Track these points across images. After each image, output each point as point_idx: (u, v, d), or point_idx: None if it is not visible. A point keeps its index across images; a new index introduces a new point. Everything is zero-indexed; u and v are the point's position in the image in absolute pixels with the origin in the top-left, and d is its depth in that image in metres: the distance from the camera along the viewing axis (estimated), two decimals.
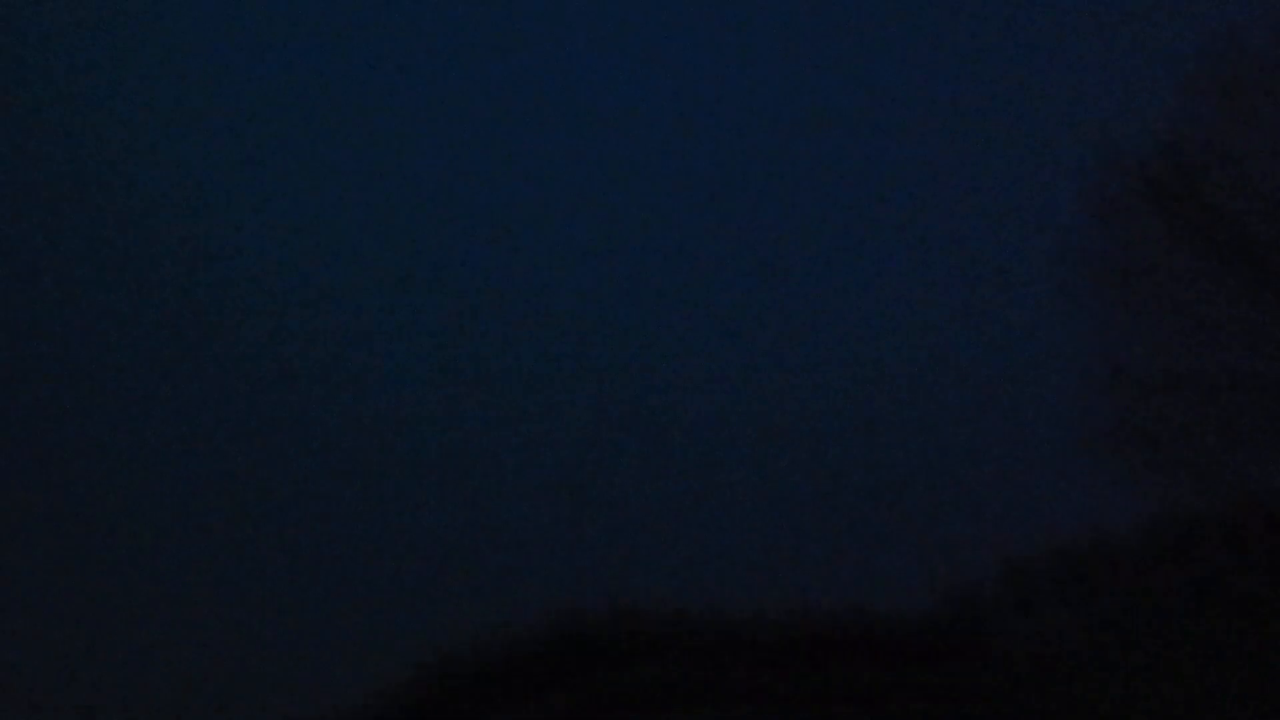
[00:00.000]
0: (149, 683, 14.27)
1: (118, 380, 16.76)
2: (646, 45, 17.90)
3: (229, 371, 16.69)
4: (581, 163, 17.21)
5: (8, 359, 16.82)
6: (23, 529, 15.82)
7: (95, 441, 16.42)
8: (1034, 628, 11.64)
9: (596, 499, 15.22)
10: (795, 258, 16.59)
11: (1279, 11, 12.54)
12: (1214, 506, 12.19)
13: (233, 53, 18.18)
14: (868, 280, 16.06)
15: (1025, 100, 15.50)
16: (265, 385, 16.61)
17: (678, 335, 16.56)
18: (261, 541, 15.57)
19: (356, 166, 17.69)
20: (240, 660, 14.40)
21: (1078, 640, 11.18)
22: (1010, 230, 14.74)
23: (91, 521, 15.90)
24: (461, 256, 17.34)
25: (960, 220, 15.72)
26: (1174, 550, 12.04)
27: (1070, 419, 12.10)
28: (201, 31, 18.33)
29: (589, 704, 12.01)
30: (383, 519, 15.73)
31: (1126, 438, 12.25)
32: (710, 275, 16.82)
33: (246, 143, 17.79)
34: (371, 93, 17.97)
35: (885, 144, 16.34)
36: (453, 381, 16.57)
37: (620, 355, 16.23)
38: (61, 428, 16.52)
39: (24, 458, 16.37)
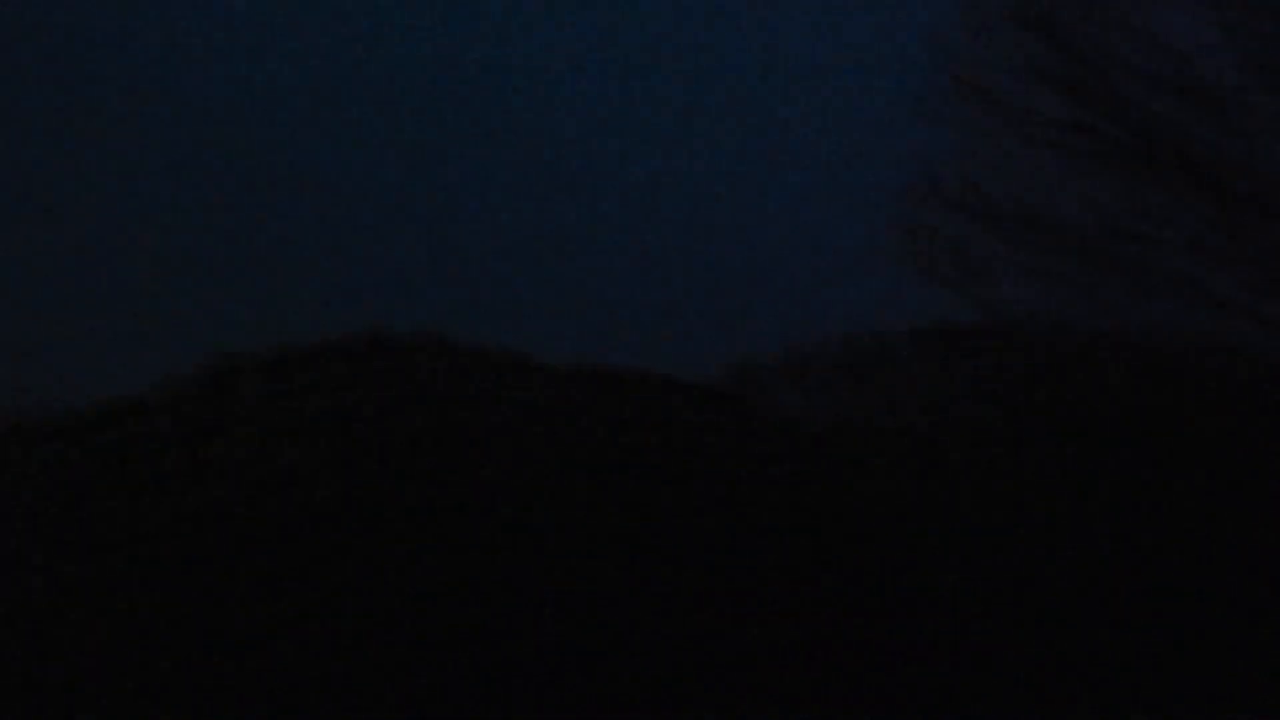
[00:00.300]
0: None
1: None
2: None
3: None
4: None
5: None
6: None
7: None
8: (813, 407, 12.42)
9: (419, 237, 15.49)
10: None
11: None
12: (987, 326, 13.10)
13: None
14: (692, 43, 16.09)
15: None
16: None
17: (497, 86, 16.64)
18: (72, 213, 15.56)
19: None
20: (33, 339, 14.49)
21: (856, 420, 11.98)
22: (864, 25, 14.95)
23: None
24: None
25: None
26: (943, 357, 12.91)
27: (876, 221, 12.84)
28: None
29: (363, 377, 12.35)
30: (205, 208, 15.81)
31: (924, 250, 13.09)
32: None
33: None
34: None
35: None
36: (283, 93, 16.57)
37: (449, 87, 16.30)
38: None
39: None
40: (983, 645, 11.20)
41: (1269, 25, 13.65)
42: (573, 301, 14.55)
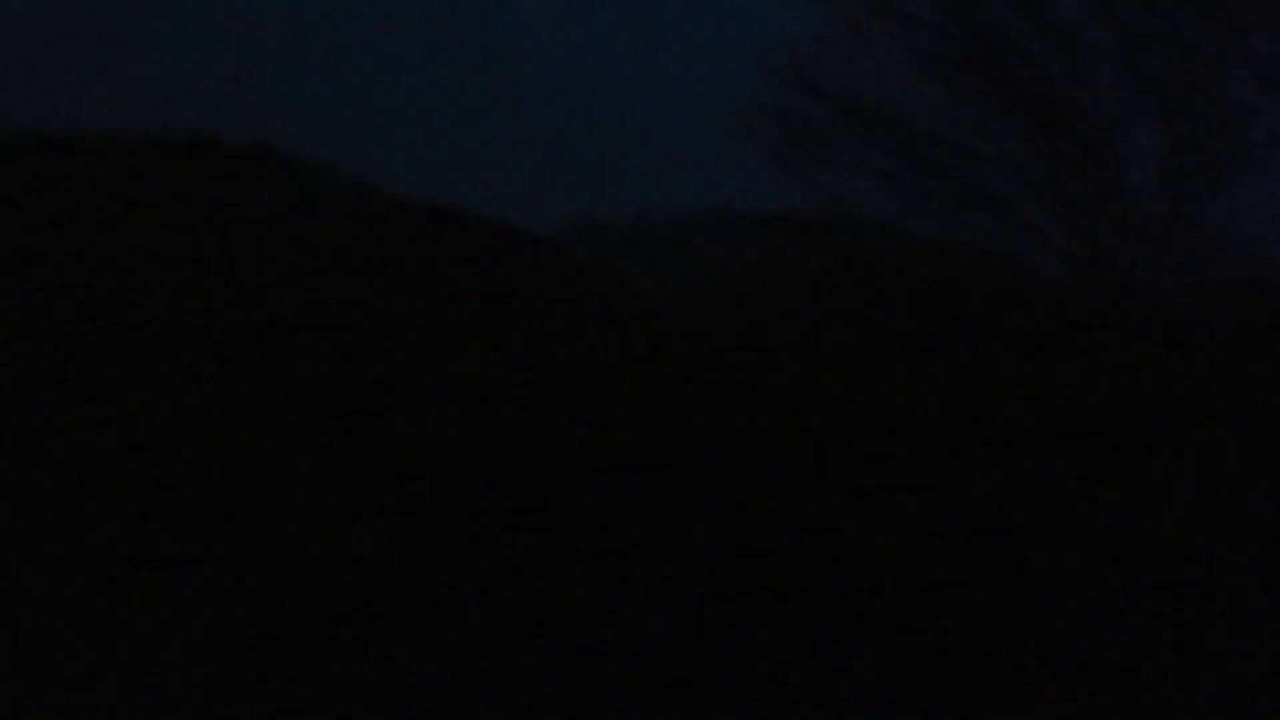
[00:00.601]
0: None
1: None
2: None
3: None
4: None
5: None
6: None
7: None
8: (655, 275, 12.45)
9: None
10: None
11: None
12: (829, 219, 13.34)
13: None
14: None
15: None
16: None
17: None
18: None
19: None
20: None
21: (705, 292, 12.03)
22: None
23: None
24: None
25: None
26: (785, 244, 13.07)
27: (733, 99, 12.92)
28: None
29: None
30: None
31: (774, 132, 13.26)
32: None
33: None
34: None
35: None
36: None
37: None
38: None
39: None
40: (814, 510, 11.44)
41: None
42: (419, 139, 14.25)
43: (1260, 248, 14.99)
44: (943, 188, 13.95)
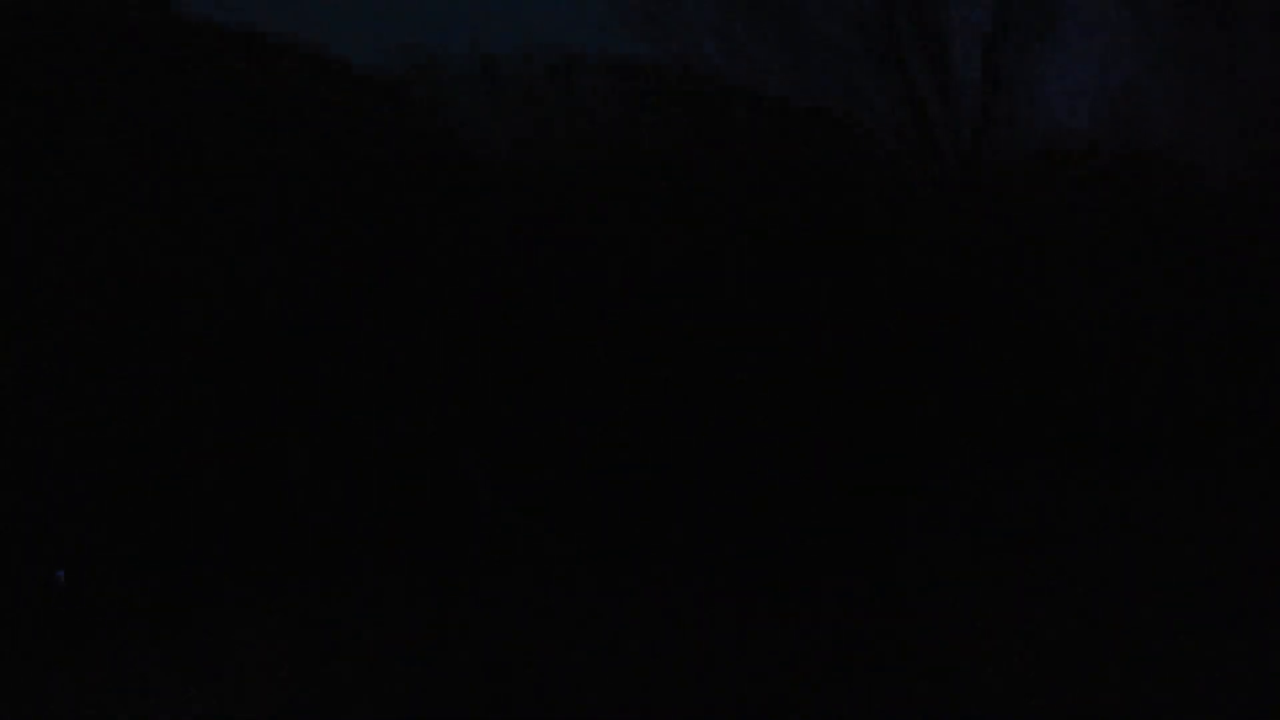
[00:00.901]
0: None
1: None
2: None
3: None
4: None
5: None
6: None
7: None
8: (502, 121, 11.87)
9: None
10: None
11: None
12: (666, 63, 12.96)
13: None
14: None
15: None
16: None
17: None
18: None
19: None
20: None
21: (552, 153, 11.56)
22: None
23: None
24: None
25: None
26: (639, 99, 12.64)
27: None
28: None
29: None
30: None
31: None
32: None
33: None
34: None
35: None
36: None
37: None
38: None
39: None
40: (654, 364, 11.26)
41: None
42: None
43: (1062, 112, 15.24)
44: (785, 40, 13.78)
